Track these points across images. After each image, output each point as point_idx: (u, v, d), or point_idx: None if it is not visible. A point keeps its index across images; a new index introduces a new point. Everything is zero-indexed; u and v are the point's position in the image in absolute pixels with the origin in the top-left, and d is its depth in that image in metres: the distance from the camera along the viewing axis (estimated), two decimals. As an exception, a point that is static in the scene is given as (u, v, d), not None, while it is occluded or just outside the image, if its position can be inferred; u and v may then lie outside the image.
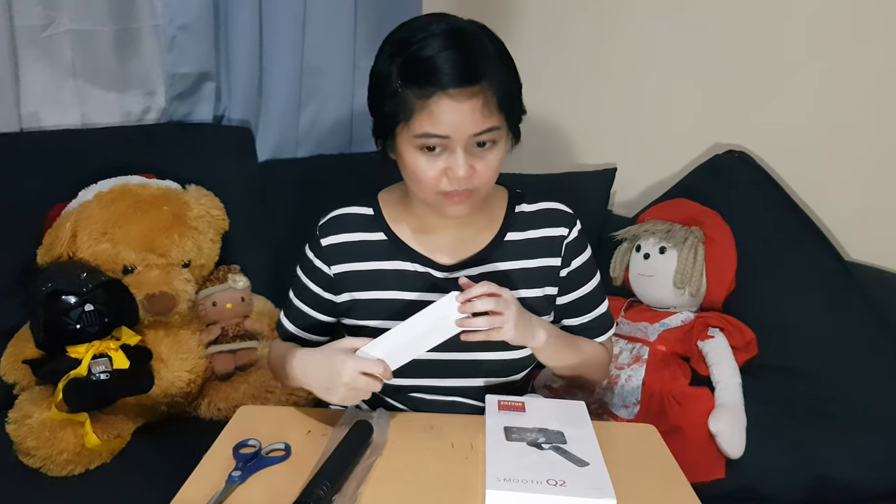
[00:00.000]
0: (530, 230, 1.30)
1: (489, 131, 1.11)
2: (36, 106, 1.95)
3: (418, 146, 1.12)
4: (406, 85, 1.09)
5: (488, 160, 1.14)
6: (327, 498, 0.97)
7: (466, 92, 1.07)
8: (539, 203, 1.33)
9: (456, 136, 1.09)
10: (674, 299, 1.81)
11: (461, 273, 1.27)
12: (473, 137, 1.10)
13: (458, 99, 1.07)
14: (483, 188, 1.16)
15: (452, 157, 1.11)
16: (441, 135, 1.09)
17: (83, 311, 1.54)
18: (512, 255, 1.29)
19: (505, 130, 1.15)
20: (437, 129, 1.09)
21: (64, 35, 1.95)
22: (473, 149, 1.12)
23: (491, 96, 1.09)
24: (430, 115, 1.08)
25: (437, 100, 1.07)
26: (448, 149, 1.11)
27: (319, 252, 1.31)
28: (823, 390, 1.63)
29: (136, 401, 1.65)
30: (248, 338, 1.93)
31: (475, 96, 1.08)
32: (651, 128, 2.15)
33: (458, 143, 1.10)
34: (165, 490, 1.01)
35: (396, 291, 1.28)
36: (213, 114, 2.23)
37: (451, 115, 1.08)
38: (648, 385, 1.69)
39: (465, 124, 1.09)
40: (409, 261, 1.28)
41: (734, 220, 1.82)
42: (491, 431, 1.07)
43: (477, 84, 1.08)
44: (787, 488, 1.59)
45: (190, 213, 1.84)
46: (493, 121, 1.11)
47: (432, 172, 1.13)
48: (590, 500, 0.90)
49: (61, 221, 1.73)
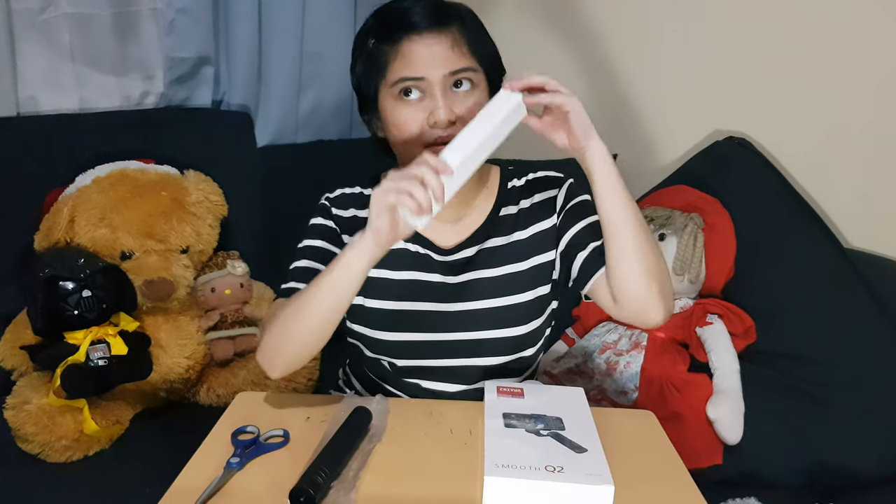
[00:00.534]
0: (523, 201, 1.31)
1: (464, 71, 1.13)
2: (34, 90, 1.94)
3: (396, 95, 1.14)
4: (379, 41, 1.14)
5: (469, 106, 1.14)
6: (326, 484, 0.97)
7: (434, 32, 1.12)
8: (528, 175, 1.34)
9: (431, 75, 1.11)
10: (673, 286, 1.80)
11: (459, 254, 1.27)
12: (449, 77, 1.12)
13: (427, 40, 1.11)
14: None
15: (433, 101, 1.13)
16: (416, 76, 1.12)
17: (81, 297, 1.54)
18: (508, 229, 1.29)
19: (483, 76, 1.17)
20: (410, 70, 1.11)
21: (62, 18, 1.93)
22: (452, 93, 1.13)
23: (461, 39, 1.13)
24: (402, 59, 1.12)
25: (408, 43, 1.11)
26: (427, 94, 1.13)
27: (334, 219, 1.30)
28: (822, 376, 1.63)
29: (134, 387, 1.66)
30: (248, 324, 1.93)
31: (444, 36, 1.12)
32: (651, 114, 2.14)
33: (435, 83, 1.12)
34: (164, 476, 1.02)
35: (396, 271, 1.27)
36: (213, 98, 2.22)
37: (422, 55, 1.11)
38: (647, 371, 1.69)
39: (438, 62, 1.11)
40: (409, 241, 1.28)
41: (734, 207, 1.82)
42: (489, 418, 1.07)
43: (446, 27, 1.12)
44: (786, 474, 1.60)
45: (188, 199, 1.83)
46: (468, 61, 1.13)
47: (414, 123, 1.14)
48: (588, 487, 0.90)
49: (59, 207, 1.72)
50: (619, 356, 1.75)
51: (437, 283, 1.26)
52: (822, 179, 1.85)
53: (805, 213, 1.79)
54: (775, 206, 1.81)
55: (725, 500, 1.45)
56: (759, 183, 1.85)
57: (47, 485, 1.48)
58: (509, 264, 1.27)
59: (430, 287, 1.26)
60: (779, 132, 1.90)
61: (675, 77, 2.07)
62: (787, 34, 1.86)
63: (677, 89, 2.07)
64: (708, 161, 1.96)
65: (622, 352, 1.75)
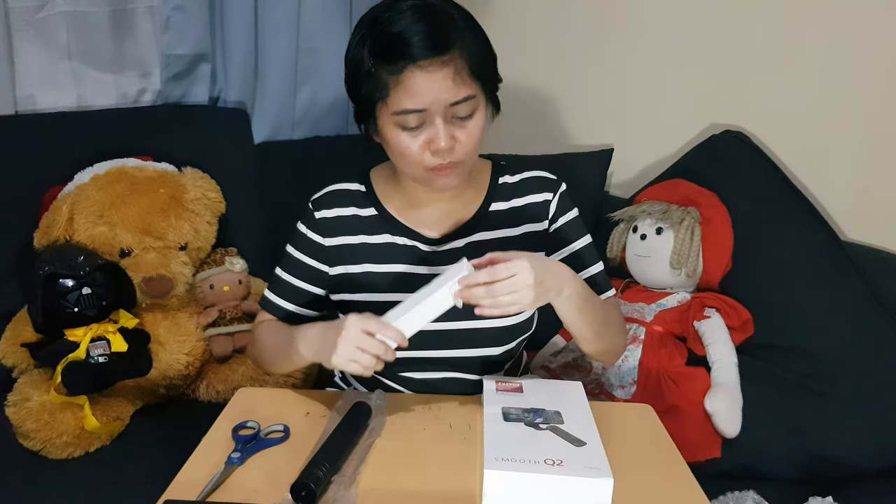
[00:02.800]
0: (515, 199, 1.31)
1: (466, 100, 1.12)
2: (31, 88, 1.94)
3: (398, 123, 1.13)
4: (378, 63, 1.11)
5: (469, 129, 1.14)
6: (326, 479, 0.97)
7: (437, 62, 1.08)
8: (522, 173, 1.34)
9: (433, 107, 1.10)
10: (670, 280, 1.81)
11: (447, 246, 1.28)
12: (451, 108, 1.11)
13: (429, 70, 1.08)
14: (468, 159, 1.17)
15: (433, 129, 1.12)
16: (418, 108, 1.10)
17: (81, 295, 1.54)
18: (497, 224, 1.30)
19: (482, 98, 1.16)
20: (413, 102, 1.10)
21: (58, 16, 1.93)
22: (453, 120, 1.13)
23: (463, 65, 1.11)
24: (405, 90, 1.10)
25: (410, 73, 1.09)
26: (427, 122, 1.12)
27: (314, 224, 1.32)
28: (819, 370, 1.64)
29: (134, 383, 1.66)
30: (246, 320, 1.93)
31: (447, 65, 1.09)
32: (648, 108, 2.14)
33: (437, 113, 1.11)
34: (165, 472, 1.02)
35: (385, 265, 1.29)
36: (209, 95, 2.21)
37: (425, 87, 1.09)
38: (645, 365, 1.69)
39: (441, 94, 1.10)
40: (398, 234, 1.29)
41: (731, 201, 1.82)
42: (489, 412, 1.07)
43: (447, 53, 1.09)
44: (783, 467, 1.60)
45: (186, 196, 1.83)
46: (469, 89, 1.12)
47: (415, 148, 1.14)
48: (587, 480, 0.91)
49: (58, 204, 1.72)
50: (617, 350, 1.75)
51: (425, 274, 1.27)
52: (820, 173, 1.85)
53: (802, 206, 1.79)
54: (772, 199, 1.81)
55: (723, 492, 1.46)
56: (757, 176, 1.85)
57: (48, 481, 1.48)
58: None
59: (419, 278, 1.27)
60: (776, 126, 1.90)
61: (671, 71, 2.07)
62: (784, 27, 1.86)
63: (674, 83, 2.07)
64: (705, 155, 1.96)
65: (620, 346, 1.75)
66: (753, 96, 1.93)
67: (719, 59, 1.97)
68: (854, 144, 1.80)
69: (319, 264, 1.33)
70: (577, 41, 2.23)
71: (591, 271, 1.33)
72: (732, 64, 1.96)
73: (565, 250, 1.32)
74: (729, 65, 1.96)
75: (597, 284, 1.33)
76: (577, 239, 1.32)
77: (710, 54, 1.99)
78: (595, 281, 1.33)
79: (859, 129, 1.79)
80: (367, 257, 1.30)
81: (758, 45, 1.90)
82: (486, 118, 1.18)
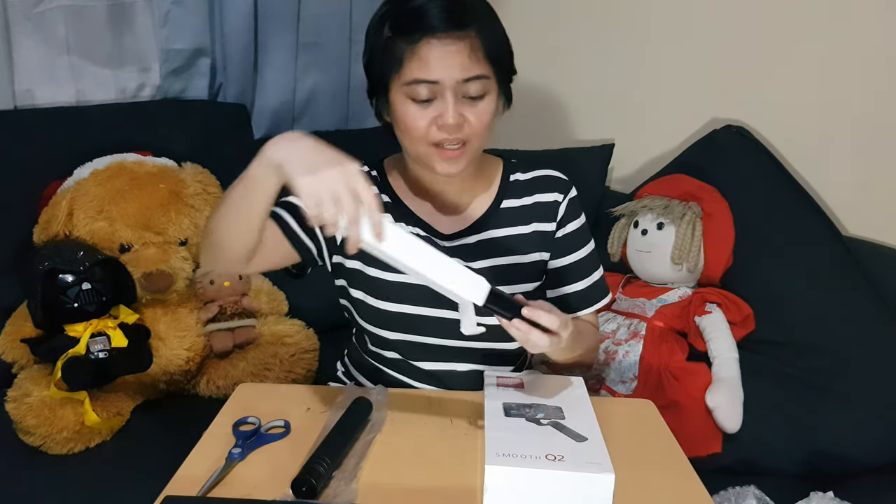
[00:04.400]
0: (526, 197, 1.32)
1: (478, 79, 1.12)
2: (30, 83, 1.94)
3: (408, 95, 1.13)
4: (396, 34, 1.12)
5: (479, 111, 1.14)
6: (327, 474, 0.97)
7: (453, 35, 1.09)
8: (534, 171, 1.34)
9: (445, 80, 1.10)
10: (671, 275, 1.81)
11: (459, 241, 1.28)
12: (462, 84, 1.11)
13: (445, 42, 1.09)
14: (475, 141, 1.17)
15: (443, 104, 1.12)
16: (430, 80, 1.11)
17: (81, 290, 1.54)
18: (508, 221, 1.30)
19: (494, 83, 1.16)
20: (425, 73, 1.10)
21: (57, 10, 1.92)
22: (463, 99, 1.13)
23: (479, 44, 1.11)
24: (419, 61, 1.10)
25: (426, 43, 1.09)
26: (439, 96, 1.12)
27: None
28: (820, 365, 1.64)
29: (134, 379, 1.66)
30: (246, 316, 1.93)
31: (462, 40, 1.10)
32: (649, 103, 2.14)
33: (448, 87, 1.11)
34: (166, 467, 1.02)
35: None
36: (209, 90, 2.21)
37: (439, 59, 1.10)
38: (646, 360, 1.69)
39: (454, 68, 1.10)
40: (412, 224, 1.29)
41: (732, 196, 1.82)
42: (490, 407, 1.07)
43: (464, 29, 1.10)
44: (784, 462, 1.60)
45: (186, 191, 1.83)
46: (482, 69, 1.12)
47: (423, 121, 1.14)
48: (589, 475, 0.91)
49: (57, 199, 1.72)
50: (617, 345, 1.75)
51: None
52: (821, 168, 1.85)
53: (803, 201, 1.79)
54: (773, 194, 1.81)
55: (725, 488, 1.46)
56: (758, 171, 1.85)
57: (49, 477, 1.48)
58: (509, 255, 1.29)
59: None
60: (777, 121, 1.90)
61: (672, 66, 2.07)
62: (785, 22, 1.85)
63: (675, 78, 2.07)
64: (706, 150, 1.95)
65: (621, 341, 1.75)
66: (754, 91, 1.93)
67: (720, 54, 1.97)
68: (855, 139, 1.80)
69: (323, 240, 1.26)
70: (578, 36, 2.23)
71: (590, 279, 1.35)
72: (733, 59, 1.95)
73: (568, 258, 1.32)
74: (730, 60, 1.96)
75: (588, 297, 1.35)
76: (581, 247, 1.34)
77: (711, 49, 1.99)
78: (590, 291, 1.35)
79: (860, 123, 1.79)
80: None
81: (759, 40, 1.90)
82: (497, 106, 1.18)
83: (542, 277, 1.33)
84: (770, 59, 1.89)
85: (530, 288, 1.30)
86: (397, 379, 1.33)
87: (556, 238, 1.31)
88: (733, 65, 1.95)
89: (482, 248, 1.27)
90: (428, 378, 1.31)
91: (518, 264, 1.29)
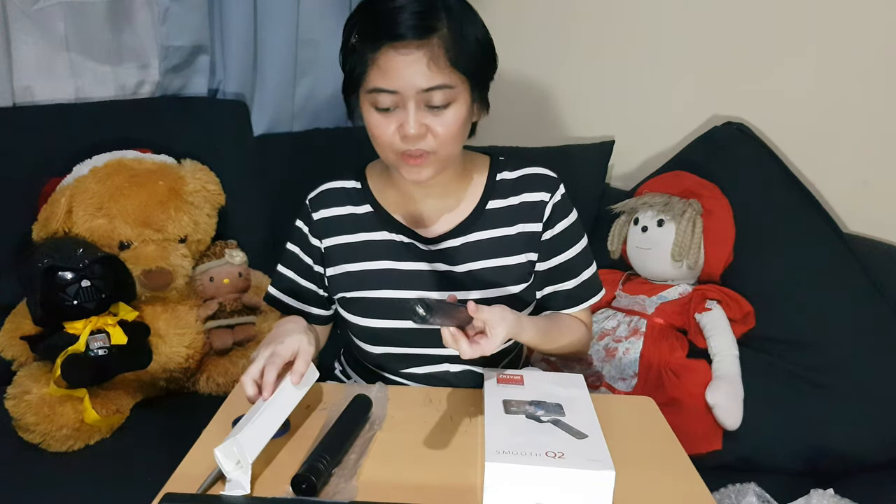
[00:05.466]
0: (512, 197, 1.30)
1: (439, 88, 1.09)
2: (29, 79, 1.93)
3: (372, 102, 1.12)
4: (361, 40, 1.11)
5: (444, 120, 1.12)
6: (327, 471, 0.97)
7: (413, 44, 1.07)
8: (521, 169, 1.32)
9: (405, 89, 1.09)
10: (672, 272, 1.81)
11: (444, 244, 1.27)
12: (423, 94, 1.09)
13: (402, 52, 1.07)
14: (442, 151, 1.15)
15: (405, 113, 1.11)
16: (389, 89, 1.09)
17: (80, 287, 1.54)
18: (493, 223, 1.29)
19: (463, 91, 1.13)
20: (386, 82, 1.09)
21: (56, 7, 1.92)
22: (427, 107, 1.11)
23: (441, 52, 1.08)
24: (378, 69, 1.09)
25: (385, 52, 1.08)
26: (401, 105, 1.11)
27: (311, 225, 1.32)
28: (821, 362, 1.64)
29: (134, 376, 1.66)
30: (246, 313, 1.93)
31: (422, 49, 1.07)
32: (649, 100, 2.14)
33: (409, 98, 1.09)
34: (165, 464, 1.02)
35: (385, 261, 1.28)
36: (208, 87, 2.21)
37: (398, 68, 1.08)
38: (646, 358, 1.69)
39: (413, 77, 1.08)
40: (395, 232, 1.28)
41: (732, 193, 1.82)
42: (489, 404, 1.07)
43: (427, 37, 1.07)
44: (785, 459, 1.60)
45: (186, 188, 1.83)
46: (444, 78, 1.09)
47: (386, 130, 1.13)
48: (589, 472, 0.91)
49: (56, 197, 1.71)
50: (617, 343, 1.75)
51: (426, 271, 1.27)
52: (821, 165, 1.85)
53: (804, 198, 1.78)
54: (774, 191, 1.81)
55: (725, 485, 1.46)
56: (758, 168, 1.85)
57: (48, 474, 1.48)
58: (494, 258, 1.28)
59: (419, 275, 1.27)
60: (777, 117, 1.90)
61: (673, 62, 2.06)
62: (785, 18, 1.85)
63: (675, 75, 2.07)
64: (706, 147, 1.95)
65: (621, 338, 1.75)
66: (755, 88, 1.93)
67: (720, 50, 1.97)
68: (855, 136, 1.80)
69: (316, 265, 1.33)
70: (578, 32, 2.23)
71: (581, 278, 1.34)
72: (734, 55, 1.95)
73: (557, 259, 1.31)
74: (730, 56, 1.96)
75: (581, 295, 1.34)
76: (572, 246, 1.32)
77: (711, 45, 1.98)
78: (583, 289, 1.34)
79: (860, 120, 1.79)
80: (366, 255, 1.29)
81: (759, 36, 1.90)
82: (468, 112, 1.15)
83: (529, 279, 1.31)
84: (770, 56, 1.89)
85: (517, 290, 1.29)
86: (393, 380, 1.33)
87: (543, 240, 1.30)
88: (734, 61, 1.95)
89: (466, 251, 1.27)
90: (423, 380, 1.31)
91: (504, 267, 1.28)
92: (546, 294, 1.34)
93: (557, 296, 1.34)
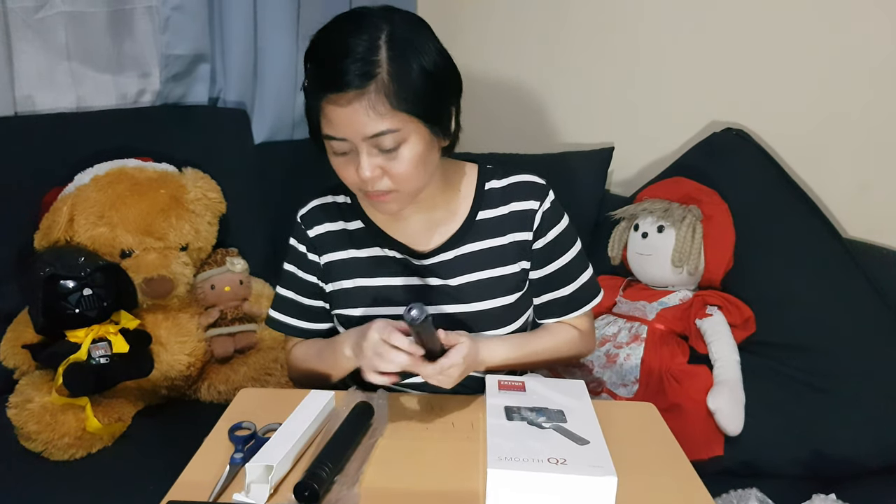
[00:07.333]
0: (502, 206, 1.29)
1: (384, 134, 1.07)
2: (30, 89, 1.94)
3: (329, 147, 1.14)
4: (308, 89, 1.13)
5: (399, 160, 1.10)
6: (330, 478, 0.97)
7: (348, 96, 1.05)
8: (509, 177, 1.31)
9: (352, 138, 1.09)
10: (672, 278, 1.81)
11: (436, 258, 1.27)
12: (371, 139, 1.08)
13: (340, 103, 1.06)
14: (404, 188, 1.14)
15: (359, 157, 1.10)
16: (339, 137, 1.10)
17: (82, 296, 1.54)
18: (485, 234, 1.28)
19: (413, 129, 1.10)
20: (333, 131, 1.10)
21: (57, 16, 1.92)
22: (379, 151, 1.10)
23: (380, 98, 1.05)
24: (326, 119, 1.10)
25: (327, 103, 1.08)
26: (355, 150, 1.11)
27: (308, 242, 1.33)
28: (822, 366, 1.64)
29: (136, 384, 1.66)
30: (247, 320, 1.93)
31: (358, 99, 1.05)
32: (648, 106, 2.14)
33: (357, 144, 1.09)
34: (167, 472, 1.02)
35: (379, 278, 1.29)
36: (209, 95, 2.21)
37: (340, 118, 1.08)
38: (647, 363, 1.69)
39: (355, 126, 1.07)
40: (387, 247, 1.29)
41: (732, 198, 1.82)
42: (491, 411, 1.07)
43: (364, 86, 1.05)
44: (786, 464, 1.60)
45: (187, 196, 1.83)
46: (387, 123, 1.07)
47: (348, 171, 1.14)
48: (591, 478, 0.91)
49: (58, 205, 1.72)
50: (618, 348, 1.75)
51: (419, 286, 1.27)
52: (820, 170, 1.85)
53: (803, 203, 1.79)
54: (774, 196, 1.81)
55: (727, 490, 1.45)
56: (758, 174, 1.85)
57: (50, 483, 1.48)
58: (487, 269, 1.28)
59: (413, 290, 1.27)
60: (776, 123, 1.90)
61: (672, 69, 2.07)
62: (784, 24, 1.86)
63: (675, 81, 2.07)
64: (706, 152, 1.95)
65: (622, 344, 1.75)
66: (754, 94, 1.93)
67: (720, 56, 1.97)
68: (854, 141, 1.80)
69: (316, 279, 1.34)
70: (578, 39, 2.23)
71: (577, 283, 1.34)
72: (733, 61, 1.95)
73: (551, 267, 1.31)
74: (729, 62, 1.96)
75: (578, 300, 1.34)
76: (566, 252, 1.32)
77: (710, 52, 1.99)
78: (580, 294, 1.34)
79: (860, 126, 1.79)
80: (360, 272, 1.30)
81: (758, 43, 1.90)
82: (424, 148, 1.12)
83: (524, 287, 1.31)
84: (769, 62, 1.90)
85: (512, 299, 1.29)
86: (393, 388, 1.33)
87: (535, 249, 1.29)
88: (733, 67, 1.96)
89: (460, 263, 1.27)
90: (424, 387, 1.31)
91: (497, 277, 1.28)
92: (543, 301, 1.34)
93: (555, 302, 1.34)
